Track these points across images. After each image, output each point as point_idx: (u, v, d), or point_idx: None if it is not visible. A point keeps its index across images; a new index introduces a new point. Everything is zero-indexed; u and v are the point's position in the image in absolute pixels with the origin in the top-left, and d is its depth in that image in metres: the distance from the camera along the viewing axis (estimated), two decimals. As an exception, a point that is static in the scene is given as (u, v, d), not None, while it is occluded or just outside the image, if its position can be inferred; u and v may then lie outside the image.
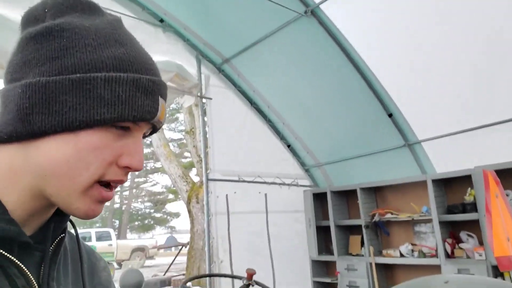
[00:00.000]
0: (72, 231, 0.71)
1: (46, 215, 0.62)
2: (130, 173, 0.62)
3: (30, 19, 0.60)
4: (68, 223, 0.68)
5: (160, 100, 0.60)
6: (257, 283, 2.22)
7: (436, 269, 4.07)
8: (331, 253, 5.17)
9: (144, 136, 0.65)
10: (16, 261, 0.55)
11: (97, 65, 0.56)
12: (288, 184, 5.50)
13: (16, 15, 2.93)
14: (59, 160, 0.55)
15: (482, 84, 3.66)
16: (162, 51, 4.67)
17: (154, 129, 0.65)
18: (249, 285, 2.15)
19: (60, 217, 0.64)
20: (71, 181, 0.56)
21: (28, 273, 0.56)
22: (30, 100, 0.54)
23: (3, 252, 0.54)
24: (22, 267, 0.55)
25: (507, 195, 3.50)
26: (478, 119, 3.81)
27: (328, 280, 5.22)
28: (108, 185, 0.59)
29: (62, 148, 0.55)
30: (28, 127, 0.54)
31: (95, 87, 0.55)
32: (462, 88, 3.77)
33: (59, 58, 0.56)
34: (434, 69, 3.84)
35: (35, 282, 0.57)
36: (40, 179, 0.56)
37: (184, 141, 16.19)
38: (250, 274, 2.14)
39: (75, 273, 0.68)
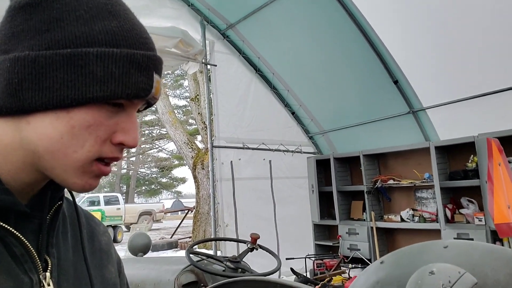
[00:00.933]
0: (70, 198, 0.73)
1: (41, 185, 0.62)
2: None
3: None
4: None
5: (155, 76, 0.58)
6: (261, 247, 2.30)
7: (436, 233, 4.17)
8: (333, 218, 5.28)
9: (138, 111, 0.65)
10: (13, 230, 0.55)
11: (89, 40, 0.53)
12: (292, 151, 5.56)
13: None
14: (52, 137, 0.54)
15: (486, 52, 3.61)
16: (166, 16, 4.62)
17: (149, 104, 0.63)
18: (253, 248, 2.23)
19: (56, 185, 0.63)
20: (66, 158, 0.55)
21: (26, 241, 0.56)
22: (19, 75, 0.52)
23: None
24: (19, 236, 0.55)
25: (510, 162, 3.54)
26: (483, 87, 3.78)
27: (330, 243, 5.36)
28: (102, 160, 0.58)
29: (54, 125, 0.54)
30: (18, 103, 0.52)
31: (87, 63, 0.53)
32: (467, 55, 3.73)
33: (48, 31, 0.53)
34: (440, 37, 3.78)
35: (33, 250, 0.57)
36: (32, 154, 0.55)
37: (189, 107, 16.18)
38: (254, 238, 2.21)
39: (75, 238, 0.68)
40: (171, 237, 12.44)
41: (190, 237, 11.05)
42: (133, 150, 25.37)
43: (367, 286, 1.76)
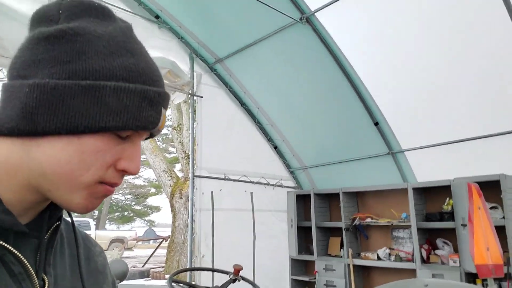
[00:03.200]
0: (68, 218, 0.73)
1: (41, 206, 0.63)
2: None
3: (42, 18, 0.60)
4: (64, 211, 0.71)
5: (163, 111, 0.63)
6: (244, 279, 2.30)
7: (412, 273, 4.24)
8: (311, 253, 5.30)
9: None
10: (12, 249, 0.56)
11: (107, 74, 0.57)
12: (272, 185, 5.60)
13: (19, 5, 2.95)
14: (61, 160, 0.56)
15: (464, 100, 3.82)
16: (157, 47, 4.72)
17: (151, 135, 0.67)
18: (235, 280, 2.23)
19: (55, 205, 0.64)
20: (72, 180, 0.57)
21: (24, 260, 0.57)
22: (37, 101, 0.54)
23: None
24: (18, 255, 0.57)
25: (496, 208, 3.68)
26: (460, 133, 3.98)
27: (306, 278, 5.35)
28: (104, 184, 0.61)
29: (65, 149, 0.56)
30: (31, 126, 0.55)
31: (103, 95, 0.56)
32: (446, 102, 3.93)
33: (70, 62, 0.56)
34: (421, 83, 3.99)
35: (31, 268, 0.58)
36: (38, 176, 0.57)
37: (170, 136, 16.14)
38: (237, 269, 2.22)
39: (72, 258, 0.70)
40: (143, 266, 12.10)
41: (162, 267, 10.78)
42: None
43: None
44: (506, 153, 3.78)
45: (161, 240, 14.68)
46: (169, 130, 16.97)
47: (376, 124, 4.51)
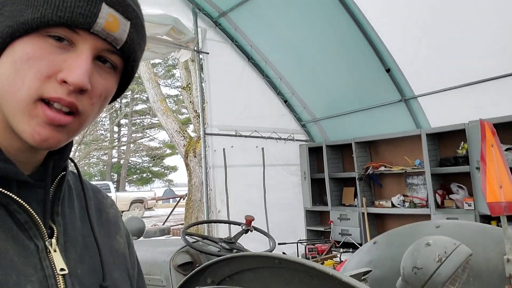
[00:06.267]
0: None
1: (37, 154, 0.61)
2: (127, 128, 0.58)
3: None
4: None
5: (105, 6, 0.54)
6: (256, 229, 2.34)
7: (426, 218, 4.25)
8: (325, 204, 5.35)
9: (127, 82, 0.64)
10: (15, 197, 0.55)
11: None
12: (284, 139, 5.59)
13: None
14: (2, 75, 0.53)
15: (477, 41, 3.65)
16: (158, 3, 4.58)
17: (126, 63, 0.61)
18: (247, 230, 2.27)
19: (59, 155, 0.63)
20: (12, 98, 0.53)
21: (30, 208, 0.56)
22: None
23: (1, 190, 0.54)
24: (22, 203, 0.55)
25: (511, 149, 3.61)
26: (473, 75, 3.83)
27: (321, 228, 5.44)
28: (48, 103, 0.54)
29: (3, 63, 0.53)
30: None
31: None
32: (458, 44, 3.77)
33: None
34: (432, 25, 3.82)
35: (37, 217, 0.57)
36: (1, 106, 0.54)
37: (181, 97, 16.11)
38: (249, 220, 2.25)
39: (82, 209, 0.68)
40: (163, 224, 12.47)
41: (182, 224, 11.10)
42: (124, 139, 25.26)
43: (360, 266, 1.80)
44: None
45: (179, 198, 15.01)
46: (179, 91, 16.92)
47: (388, 70, 4.38)
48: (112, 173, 25.51)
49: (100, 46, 0.56)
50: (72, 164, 0.69)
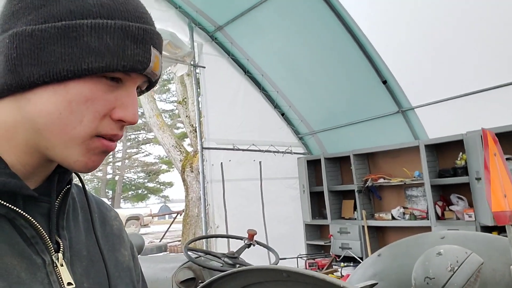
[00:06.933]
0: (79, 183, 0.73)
1: (48, 169, 0.62)
2: (122, 144, 0.59)
3: None
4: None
5: (153, 50, 0.58)
6: (258, 243, 2.30)
7: (427, 230, 4.21)
8: (325, 217, 5.31)
9: (141, 92, 0.64)
10: (22, 212, 0.55)
11: (83, 12, 0.54)
12: (282, 152, 5.57)
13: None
14: (50, 112, 0.54)
15: (474, 51, 3.68)
16: (154, 18, 4.53)
17: (150, 83, 0.63)
18: (250, 244, 2.23)
19: (64, 168, 0.63)
20: (65, 134, 0.55)
21: (36, 223, 0.56)
22: (18, 50, 0.53)
23: (8, 205, 0.54)
24: (29, 218, 0.56)
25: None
26: (470, 85, 3.85)
27: (321, 242, 5.38)
28: (103, 138, 0.58)
29: (52, 100, 0.54)
30: (17, 78, 0.53)
31: (81, 35, 0.53)
32: (455, 54, 3.80)
33: (45, 6, 0.54)
34: (428, 36, 3.84)
35: (44, 232, 0.57)
36: (33, 133, 0.55)
37: (176, 111, 16.12)
38: (251, 234, 2.21)
39: (86, 222, 0.68)
40: (160, 241, 12.33)
41: (179, 241, 10.98)
42: (119, 155, 25.13)
43: (365, 279, 1.76)
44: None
45: (175, 214, 14.89)
46: (175, 106, 16.93)
47: (385, 82, 4.39)
48: (107, 190, 25.32)
49: (142, 80, 0.61)
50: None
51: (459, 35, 3.68)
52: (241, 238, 2.28)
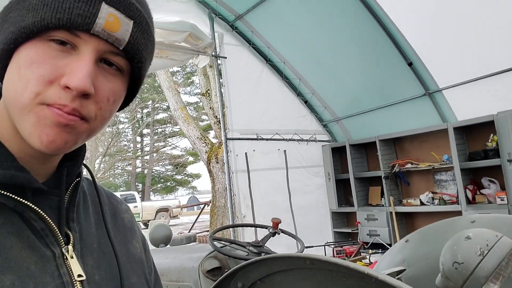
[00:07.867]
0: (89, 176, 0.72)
1: (52, 159, 0.61)
2: (149, 138, 0.56)
3: None
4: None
5: (105, 6, 0.53)
6: (283, 231, 2.29)
7: (457, 215, 4.10)
8: (351, 205, 5.26)
9: (138, 83, 0.62)
10: (31, 205, 0.55)
11: None
12: (306, 140, 5.53)
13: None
14: (7, 82, 0.53)
15: (502, 29, 3.52)
16: (174, 10, 4.61)
17: (129, 57, 0.57)
18: (275, 233, 2.22)
19: (72, 162, 0.63)
20: (17, 104, 0.52)
21: (45, 215, 0.56)
22: None
23: (17, 197, 0.54)
24: (38, 210, 0.55)
25: None
26: (499, 64, 3.70)
27: (348, 230, 5.34)
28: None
29: (10, 69, 0.54)
30: None
31: None
32: (482, 33, 3.65)
33: None
34: (453, 15, 3.71)
35: (53, 224, 0.57)
36: (9, 113, 0.55)
37: (201, 103, 16.24)
38: (276, 223, 2.20)
39: (97, 215, 0.68)
40: (189, 232, 12.54)
41: (207, 231, 11.13)
42: (147, 148, 25.61)
43: (392, 265, 1.73)
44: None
45: (203, 205, 15.08)
46: (199, 98, 17.05)
47: (410, 64, 4.27)
48: (136, 183, 25.89)
49: (103, 48, 0.55)
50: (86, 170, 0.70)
51: (487, 11, 3.53)
52: (265, 227, 2.28)
